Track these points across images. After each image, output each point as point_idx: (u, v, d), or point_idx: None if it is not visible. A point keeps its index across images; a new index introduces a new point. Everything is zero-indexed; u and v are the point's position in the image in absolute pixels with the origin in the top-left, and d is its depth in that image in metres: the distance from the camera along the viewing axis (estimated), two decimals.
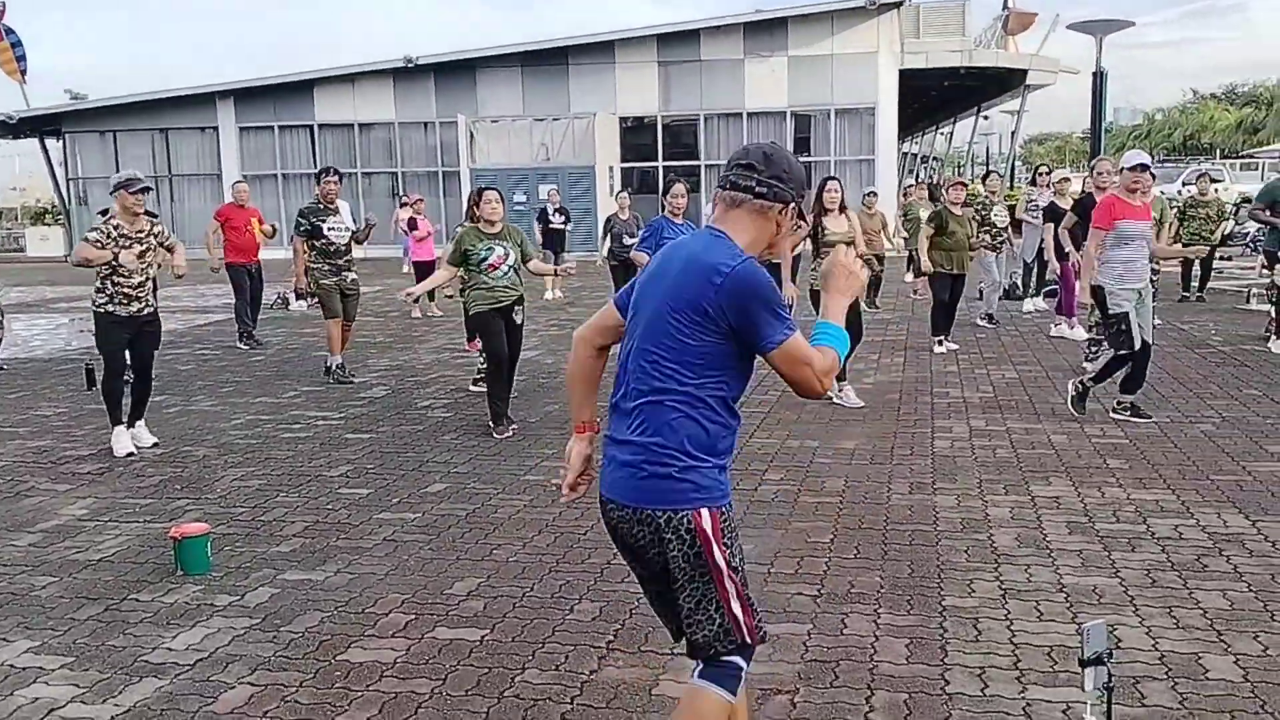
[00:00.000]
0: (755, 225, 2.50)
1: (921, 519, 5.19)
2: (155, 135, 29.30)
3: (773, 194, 2.48)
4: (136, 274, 6.73)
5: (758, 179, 2.48)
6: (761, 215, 2.49)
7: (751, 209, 2.49)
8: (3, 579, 4.63)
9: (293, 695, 3.48)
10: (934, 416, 7.52)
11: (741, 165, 2.50)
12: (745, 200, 2.49)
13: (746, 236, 2.49)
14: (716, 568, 2.47)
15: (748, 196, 2.49)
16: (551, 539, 4.99)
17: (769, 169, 2.48)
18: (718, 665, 2.53)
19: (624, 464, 2.48)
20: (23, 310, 15.91)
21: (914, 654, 3.68)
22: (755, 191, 2.48)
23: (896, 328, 12.29)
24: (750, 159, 2.50)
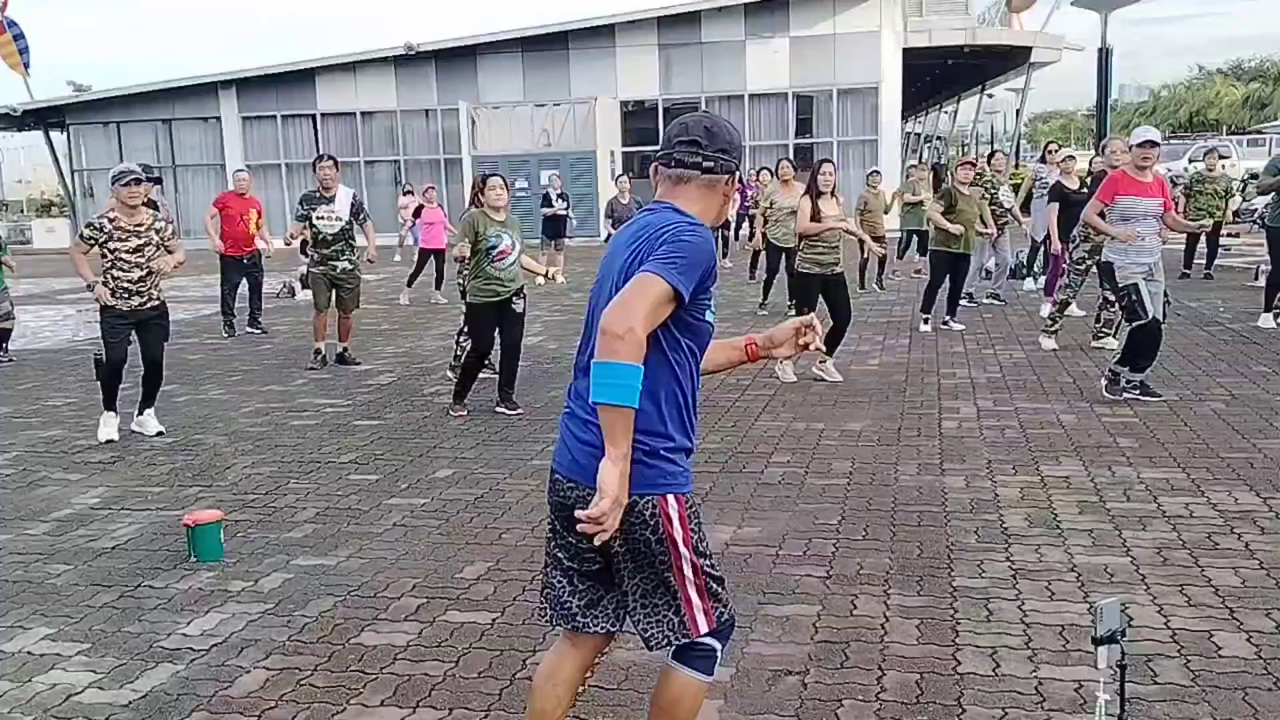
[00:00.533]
0: (704, 198, 2.49)
1: (930, 500, 5.19)
2: (159, 126, 29.30)
3: (720, 167, 2.48)
4: (136, 268, 6.72)
5: (703, 154, 2.46)
6: (710, 189, 2.49)
7: (700, 184, 2.48)
8: (18, 567, 4.66)
9: (307, 679, 3.50)
10: (941, 397, 7.51)
11: (685, 142, 2.47)
12: (694, 176, 2.47)
13: (696, 209, 2.46)
14: (679, 554, 2.42)
15: (695, 173, 2.47)
16: None
17: (713, 143, 2.46)
18: (694, 647, 2.51)
19: (586, 441, 2.40)
20: (31, 302, 15.94)
21: (925, 635, 3.69)
22: (703, 167, 2.46)
23: (901, 309, 12.27)
24: (693, 134, 2.47)
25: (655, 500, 2.40)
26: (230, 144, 28.66)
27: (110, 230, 6.64)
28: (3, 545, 4.96)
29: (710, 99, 27.17)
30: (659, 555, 2.43)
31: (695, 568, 2.46)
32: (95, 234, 6.67)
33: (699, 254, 2.34)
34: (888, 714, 3.16)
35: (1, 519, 5.37)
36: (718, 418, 7.07)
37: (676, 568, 2.45)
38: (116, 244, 6.64)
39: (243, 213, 11.62)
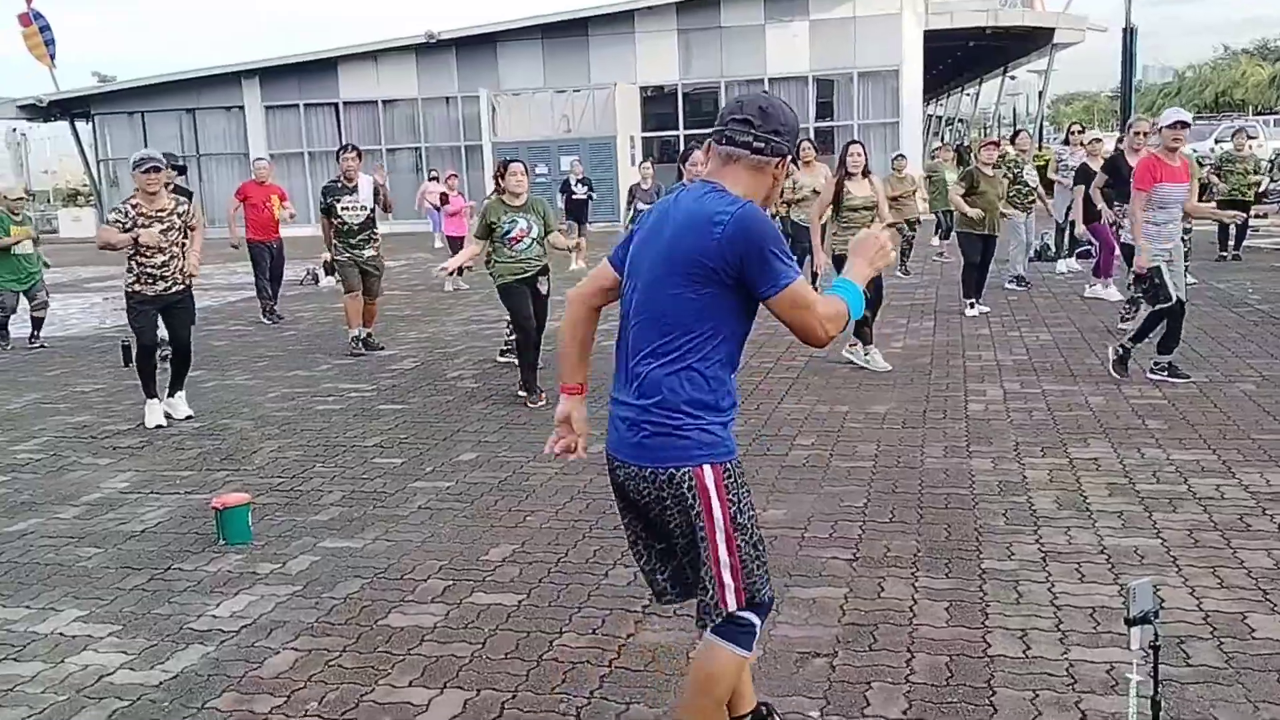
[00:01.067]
0: (752, 180, 2.46)
1: (957, 482, 5.16)
2: (183, 115, 29.42)
3: (770, 149, 2.44)
4: (160, 253, 6.77)
5: (754, 134, 2.42)
6: (759, 170, 2.46)
7: (749, 164, 2.45)
8: (49, 550, 4.71)
9: (336, 660, 3.52)
10: (967, 380, 7.46)
11: (738, 120, 2.44)
12: (743, 156, 2.44)
13: (741, 189, 2.44)
14: (713, 526, 2.44)
15: (745, 152, 2.44)
16: (583, 505, 5.01)
17: (766, 123, 2.43)
18: (733, 621, 2.51)
19: (627, 422, 2.49)
20: (58, 290, 16.06)
21: (954, 617, 3.67)
22: (753, 147, 2.43)
23: (925, 292, 12.18)
24: (746, 113, 2.43)
25: (691, 472, 2.43)
26: (254, 133, 28.76)
27: (134, 216, 6.69)
28: (34, 529, 5.01)
29: (730, 83, 27.02)
30: (699, 527, 2.45)
31: (730, 541, 2.46)
32: (121, 219, 6.72)
33: (767, 232, 2.38)
34: (917, 696, 3.14)
35: (32, 503, 5.43)
36: (741, 400, 7.01)
37: (711, 540, 2.45)
38: (140, 230, 6.69)
39: (265, 200, 11.67)
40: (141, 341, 7.01)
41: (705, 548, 2.46)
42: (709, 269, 2.36)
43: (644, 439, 2.46)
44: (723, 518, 2.45)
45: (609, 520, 4.78)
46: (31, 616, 3.97)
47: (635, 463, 2.49)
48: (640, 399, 2.46)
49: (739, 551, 2.48)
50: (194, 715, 3.19)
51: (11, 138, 35.48)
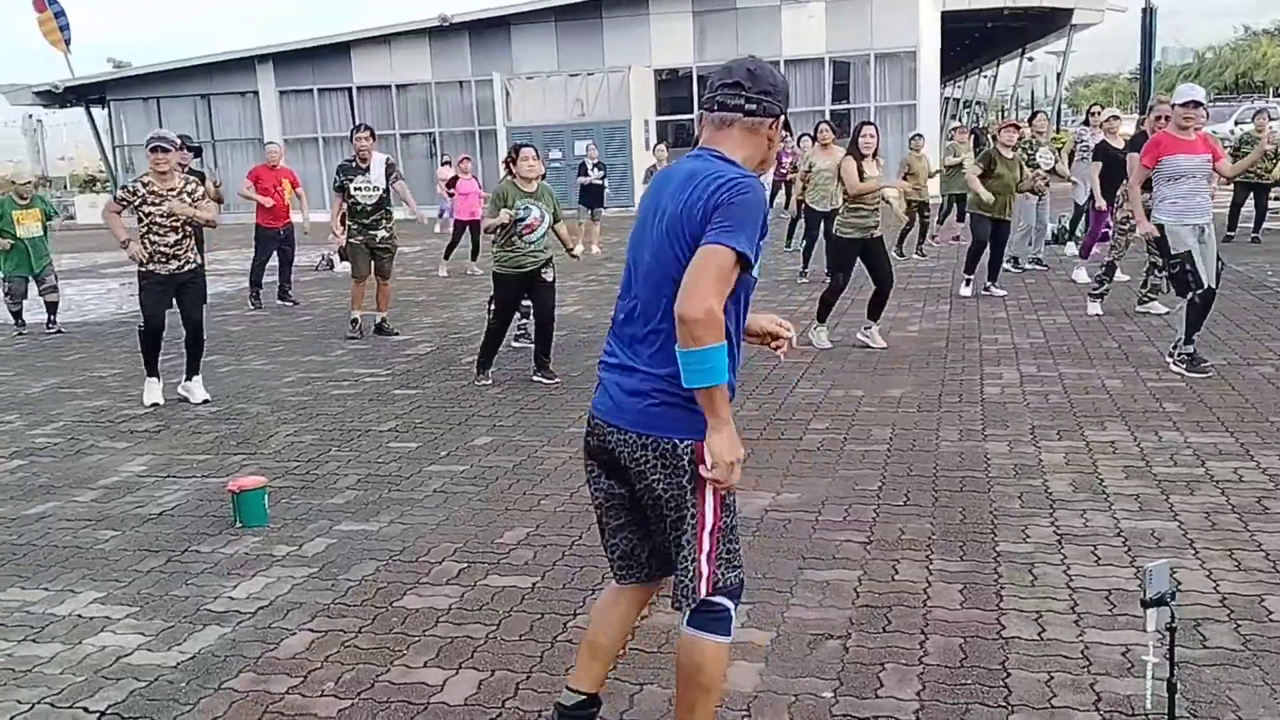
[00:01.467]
0: (749, 143, 2.46)
1: (973, 465, 5.14)
2: (198, 101, 29.50)
3: (763, 109, 2.45)
4: (173, 231, 6.80)
5: (746, 96, 2.43)
6: (754, 132, 2.46)
7: (743, 127, 2.46)
8: (67, 533, 4.74)
9: (352, 641, 3.54)
10: (983, 363, 7.42)
11: (728, 85, 2.45)
12: (736, 119, 2.45)
13: (741, 154, 2.45)
14: (704, 502, 2.44)
15: (738, 115, 2.45)
16: None
17: (755, 85, 2.44)
18: (705, 610, 2.49)
19: (633, 391, 2.45)
20: (75, 276, 16.18)
21: (968, 599, 3.66)
22: (745, 110, 2.44)
23: (941, 275, 12.12)
24: (735, 77, 2.45)
25: (694, 445, 2.42)
26: (268, 118, 28.80)
27: (144, 194, 6.74)
28: (52, 512, 5.05)
29: None
30: (690, 504, 2.44)
31: (716, 519, 2.46)
32: (128, 196, 6.77)
33: (754, 210, 2.34)
34: (931, 678, 3.14)
35: (51, 486, 5.47)
36: (755, 385, 7.03)
37: (700, 518, 2.45)
38: (150, 208, 6.76)
39: (275, 184, 11.66)
40: (149, 320, 7.08)
41: (692, 525, 2.45)
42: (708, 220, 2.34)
43: (651, 407, 2.44)
44: (714, 495, 2.44)
45: None
46: (50, 598, 4.00)
47: (635, 429, 2.45)
48: (652, 367, 2.43)
49: (720, 534, 2.47)
50: (211, 696, 3.21)
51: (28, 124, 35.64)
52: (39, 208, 10.71)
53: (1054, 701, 2.98)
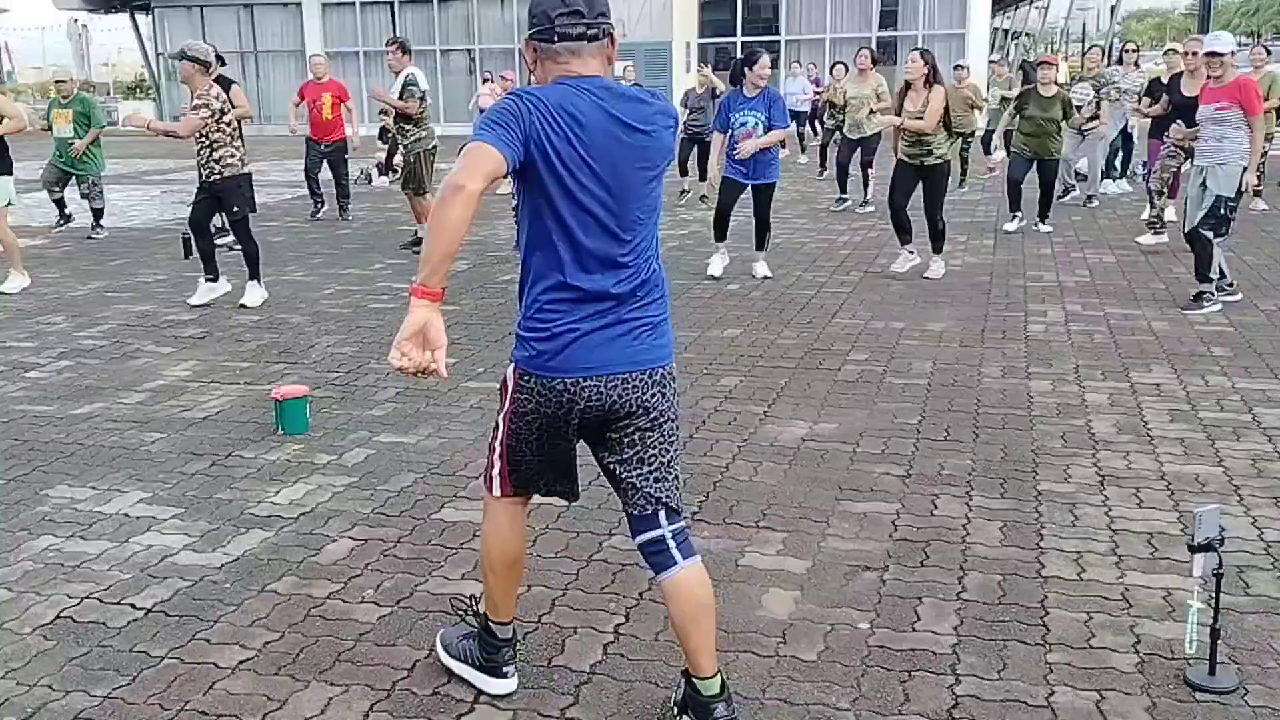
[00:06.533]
0: (605, 67, 2.40)
1: (1015, 403, 5.08)
2: (240, 11, 29.26)
3: (604, 31, 2.38)
4: (195, 142, 7.07)
5: (588, 23, 2.34)
6: (605, 55, 2.39)
7: (600, 51, 2.38)
8: (114, 434, 4.82)
9: (391, 550, 3.59)
10: (1027, 300, 7.31)
11: (568, 14, 2.32)
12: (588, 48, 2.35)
13: (609, 76, 2.43)
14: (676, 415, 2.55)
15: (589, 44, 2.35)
16: None
17: (592, 8, 2.35)
18: (685, 535, 2.55)
19: (649, 327, 2.43)
20: (119, 182, 16.24)
21: (1008, 537, 3.64)
22: (589, 36, 2.35)
23: (985, 209, 11.91)
24: (576, 5, 2.32)
25: (671, 365, 2.52)
26: (310, 30, 28.54)
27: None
28: (99, 413, 5.13)
29: None
30: (673, 420, 2.53)
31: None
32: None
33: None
34: (969, 614, 3.13)
35: (97, 388, 5.55)
36: (793, 314, 6.97)
37: (675, 433, 2.54)
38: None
39: (316, 99, 11.55)
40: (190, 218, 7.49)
41: (674, 442, 2.52)
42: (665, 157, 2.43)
43: (662, 339, 2.47)
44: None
45: None
46: (97, 497, 4.08)
47: (650, 365, 2.43)
48: (657, 299, 2.45)
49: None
50: (254, 597, 3.27)
51: (73, 29, 35.54)
52: (73, 110, 10.69)
53: (1092, 642, 2.97)
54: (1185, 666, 2.81)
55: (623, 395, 2.41)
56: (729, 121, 7.85)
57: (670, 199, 12.93)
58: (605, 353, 2.38)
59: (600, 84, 2.34)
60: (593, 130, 2.28)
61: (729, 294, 7.67)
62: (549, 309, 2.38)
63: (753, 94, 7.79)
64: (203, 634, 3.06)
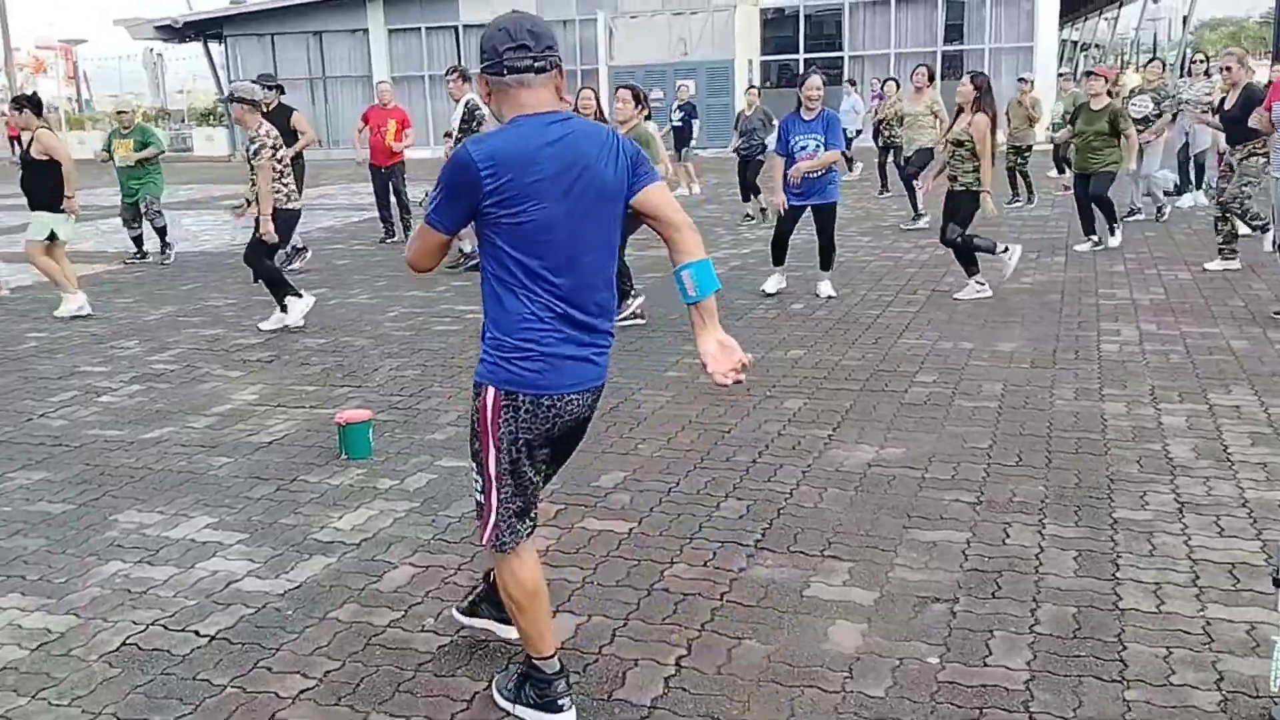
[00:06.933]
0: (555, 97, 2.52)
1: (1088, 426, 4.93)
2: (310, 38, 29.96)
3: (551, 64, 2.50)
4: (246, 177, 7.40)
5: (534, 56, 2.46)
6: (554, 84, 2.52)
7: (550, 81, 2.50)
8: (182, 458, 4.90)
9: (451, 578, 3.58)
10: (1100, 319, 7.11)
11: (515, 48, 2.45)
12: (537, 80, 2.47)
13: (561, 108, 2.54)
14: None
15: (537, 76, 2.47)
16: (695, 435, 4.96)
17: (539, 42, 2.47)
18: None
19: (602, 352, 2.63)
20: (191, 207, 16.68)
21: (1083, 567, 3.51)
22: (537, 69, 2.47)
23: (1055, 224, 11.66)
24: (522, 39, 2.45)
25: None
26: (377, 56, 29.11)
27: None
28: (168, 437, 5.22)
29: (854, 5, 26.12)
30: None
31: None
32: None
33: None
34: (1042, 648, 3.02)
35: (167, 412, 5.65)
36: (858, 334, 6.87)
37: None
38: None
39: (381, 124, 11.73)
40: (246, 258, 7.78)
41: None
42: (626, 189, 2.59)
43: (607, 356, 2.68)
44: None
45: (721, 451, 4.73)
46: (164, 522, 4.14)
47: (597, 383, 2.66)
48: (606, 324, 2.63)
49: None
50: (316, 625, 3.28)
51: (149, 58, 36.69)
52: (132, 139, 11.00)
53: (1172, 679, 2.84)
54: (1271, 705, 2.67)
55: (589, 408, 2.67)
56: (789, 145, 7.81)
57: (734, 219, 12.88)
58: (580, 370, 2.58)
59: (550, 119, 2.47)
60: (544, 164, 2.42)
61: (792, 314, 7.59)
62: (530, 331, 2.51)
63: (810, 116, 7.75)
64: (265, 662, 3.07)
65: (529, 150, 2.42)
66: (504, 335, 2.54)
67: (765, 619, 3.24)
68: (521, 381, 2.54)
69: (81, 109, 44.33)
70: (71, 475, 4.70)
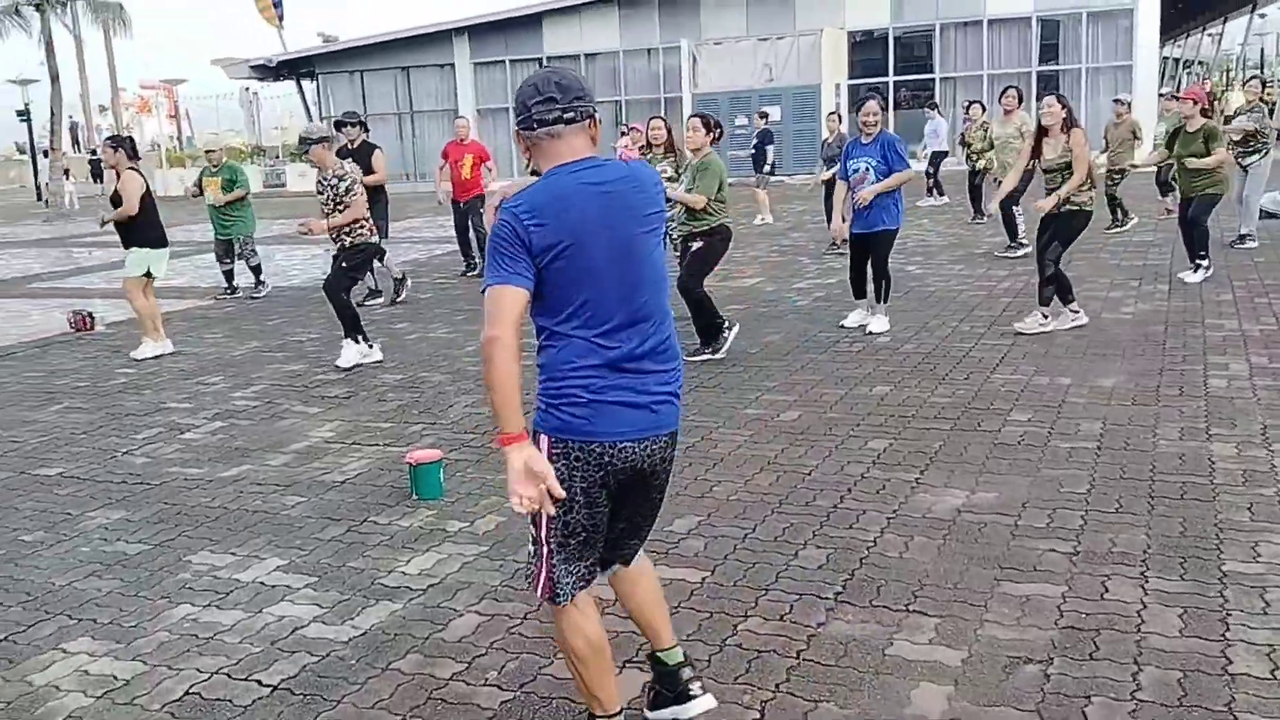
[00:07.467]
0: (589, 145, 2.54)
1: (1195, 469, 4.62)
2: (398, 74, 30.68)
3: (582, 113, 2.51)
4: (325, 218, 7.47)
5: (562, 108, 2.48)
6: (587, 134, 2.54)
7: (582, 131, 2.52)
8: (257, 497, 4.91)
9: (517, 628, 3.47)
10: (1207, 352, 6.73)
11: (542, 101, 2.48)
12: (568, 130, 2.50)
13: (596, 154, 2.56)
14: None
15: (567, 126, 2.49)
16: (774, 478, 4.79)
17: (566, 94, 2.49)
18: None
19: (669, 396, 2.59)
20: (283, 242, 17.07)
21: (1189, 626, 3.25)
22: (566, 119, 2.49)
23: (1159, 251, 11.17)
24: (550, 92, 2.48)
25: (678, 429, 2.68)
26: (463, 89, 29.64)
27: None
28: (245, 475, 5.25)
29: (945, 26, 25.70)
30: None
31: None
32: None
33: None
34: (1144, 715, 2.79)
35: (246, 450, 5.69)
36: (948, 369, 6.61)
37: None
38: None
39: (458, 159, 11.82)
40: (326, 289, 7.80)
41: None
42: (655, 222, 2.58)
43: (676, 407, 2.63)
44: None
45: (800, 495, 4.55)
46: (236, 564, 4.13)
47: (671, 429, 2.61)
48: (669, 367, 2.59)
49: None
50: (378, 676, 3.20)
51: (244, 97, 38.00)
52: (221, 178, 11.29)
53: None
54: None
55: (651, 456, 2.57)
56: (847, 170, 7.73)
57: (819, 248, 12.67)
58: (636, 417, 2.52)
59: (584, 164, 2.49)
60: (581, 207, 2.43)
61: (878, 347, 7.36)
62: (578, 376, 2.49)
63: (868, 140, 7.63)
64: (326, 715, 3.00)
65: (565, 195, 2.44)
66: (554, 381, 2.52)
67: (844, 679, 3.05)
68: (570, 428, 2.50)
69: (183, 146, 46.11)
70: (150, 514, 4.74)
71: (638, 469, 2.57)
